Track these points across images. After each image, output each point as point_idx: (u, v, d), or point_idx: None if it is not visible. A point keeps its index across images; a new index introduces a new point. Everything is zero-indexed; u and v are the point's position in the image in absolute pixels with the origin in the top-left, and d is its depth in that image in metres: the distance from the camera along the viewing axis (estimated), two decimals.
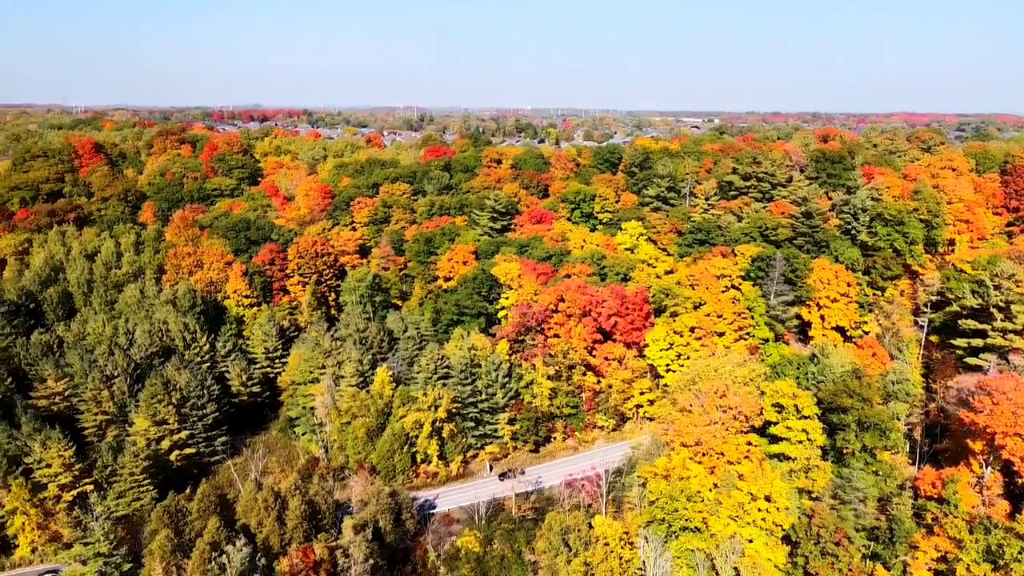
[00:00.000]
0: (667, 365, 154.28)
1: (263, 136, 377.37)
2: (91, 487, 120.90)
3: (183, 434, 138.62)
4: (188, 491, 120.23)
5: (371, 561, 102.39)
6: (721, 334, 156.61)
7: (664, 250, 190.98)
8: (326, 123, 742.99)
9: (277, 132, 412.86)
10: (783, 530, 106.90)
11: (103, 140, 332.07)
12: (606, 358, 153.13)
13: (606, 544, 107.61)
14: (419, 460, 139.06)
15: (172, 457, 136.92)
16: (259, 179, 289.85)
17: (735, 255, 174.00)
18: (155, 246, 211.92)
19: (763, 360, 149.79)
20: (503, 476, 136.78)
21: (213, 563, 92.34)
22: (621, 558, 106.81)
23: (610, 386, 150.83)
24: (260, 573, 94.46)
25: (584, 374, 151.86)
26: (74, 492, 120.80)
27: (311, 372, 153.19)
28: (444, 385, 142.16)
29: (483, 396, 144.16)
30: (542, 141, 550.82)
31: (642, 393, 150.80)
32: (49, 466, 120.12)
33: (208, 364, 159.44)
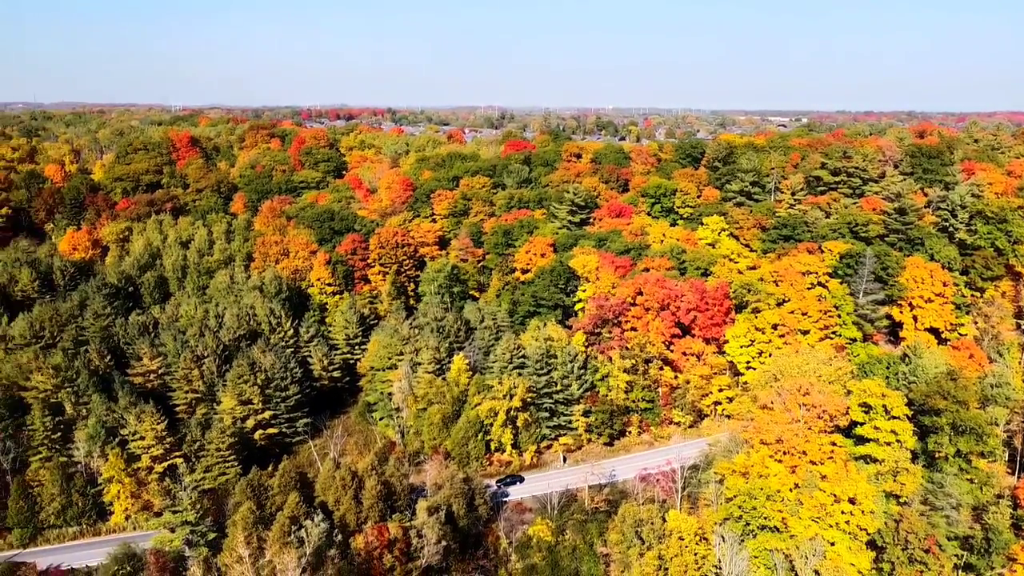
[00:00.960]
0: (747, 362, 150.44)
1: (348, 132, 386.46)
2: (180, 460, 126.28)
3: (266, 414, 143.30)
4: (270, 469, 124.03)
5: (443, 543, 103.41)
6: (805, 332, 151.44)
7: (747, 246, 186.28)
8: (409, 121, 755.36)
9: (362, 128, 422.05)
10: (868, 534, 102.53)
11: (199, 135, 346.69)
12: (684, 353, 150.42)
13: (680, 539, 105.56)
14: (493, 448, 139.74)
15: (256, 436, 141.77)
16: (344, 172, 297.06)
17: (822, 252, 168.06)
18: (245, 235, 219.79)
19: (850, 360, 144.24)
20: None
21: (292, 536, 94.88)
22: (696, 554, 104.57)
23: (687, 382, 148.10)
24: (336, 548, 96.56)
25: (661, 368, 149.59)
26: (165, 464, 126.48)
27: (389, 358, 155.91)
28: (519, 375, 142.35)
29: (558, 387, 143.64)
30: (623, 139, 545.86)
31: (721, 390, 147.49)
32: (143, 438, 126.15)
33: (291, 349, 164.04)
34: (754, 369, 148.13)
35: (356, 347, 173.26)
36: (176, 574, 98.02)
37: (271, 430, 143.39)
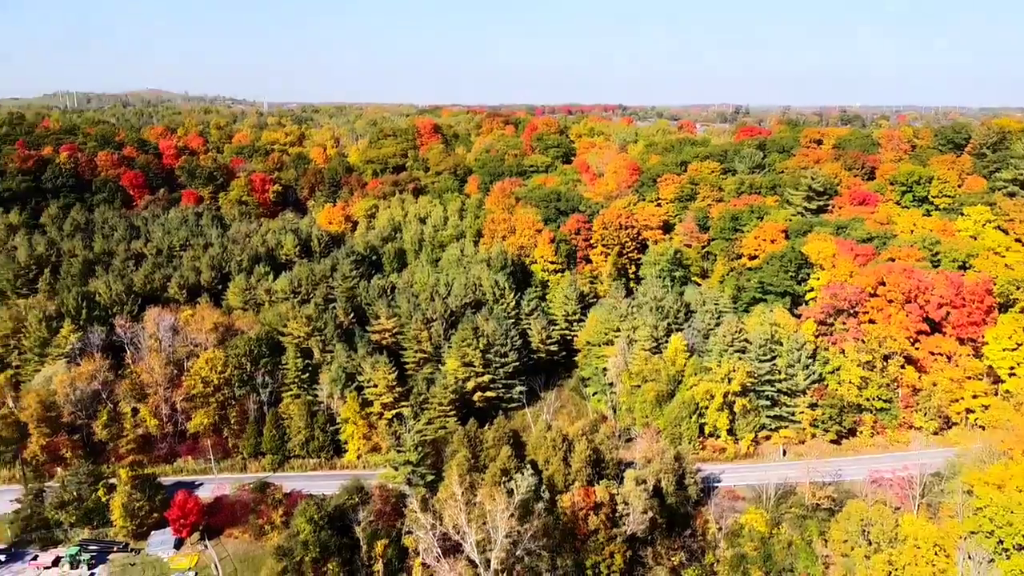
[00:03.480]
0: (1011, 368, 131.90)
1: (578, 121, 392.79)
2: (407, 410, 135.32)
3: (486, 377, 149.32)
4: (486, 428, 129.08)
5: (649, 514, 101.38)
6: None
7: (1019, 240, 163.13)
8: (639, 117, 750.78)
9: (592, 118, 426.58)
10: None
11: (441, 123, 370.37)
12: (932, 352, 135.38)
13: (916, 547, 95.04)
14: (707, 432, 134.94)
15: (475, 398, 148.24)
16: (572, 158, 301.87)
17: None
18: (476, 213, 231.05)
19: None
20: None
21: (503, 486, 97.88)
22: (934, 565, 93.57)
23: (934, 384, 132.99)
24: (543, 503, 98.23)
25: (903, 367, 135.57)
26: (393, 412, 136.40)
27: (606, 334, 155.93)
28: (740, 359, 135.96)
29: (782, 375, 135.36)
30: None
31: (975, 396, 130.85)
32: (376, 386, 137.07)
33: (512, 320, 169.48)
34: (1019, 377, 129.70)
35: (574, 324, 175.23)
36: (397, 508, 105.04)
37: (489, 393, 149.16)
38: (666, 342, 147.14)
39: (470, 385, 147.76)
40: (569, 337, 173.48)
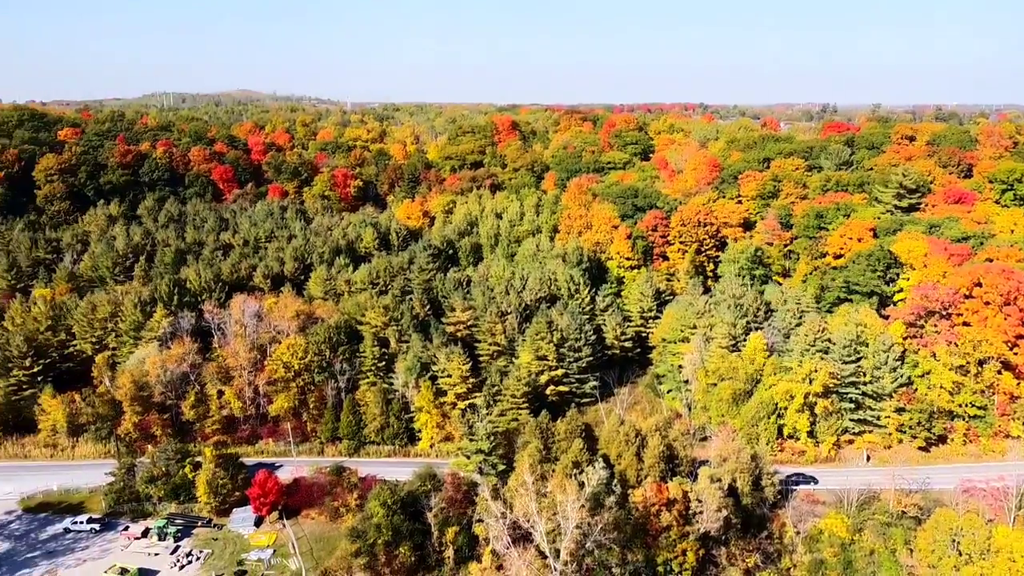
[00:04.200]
0: None
1: (658, 118, 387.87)
2: (479, 400, 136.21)
3: (559, 372, 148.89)
4: (558, 420, 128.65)
5: (724, 512, 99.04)
6: None
7: None
8: (721, 115, 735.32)
9: (671, 115, 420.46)
10: None
11: (519, 120, 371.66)
12: None
13: (1011, 560, 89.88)
14: (785, 434, 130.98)
15: (548, 392, 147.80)
16: (650, 155, 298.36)
17: None
18: (552, 208, 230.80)
19: None
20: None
21: (574, 478, 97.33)
22: None
23: None
24: (615, 497, 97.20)
25: (999, 372, 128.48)
26: (466, 403, 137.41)
27: (682, 331, 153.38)
28: (822, 359, 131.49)
29: (867, 378, 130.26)
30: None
31: None
32: (450, 376, 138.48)
33: (587, 315, 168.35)
34: None
35: (649, 321, 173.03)
36: (468, 496, 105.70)
37: (562, 387, 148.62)
38: (744, 340, 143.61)
39: (543, 379, 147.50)
40: (644, 334, 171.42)
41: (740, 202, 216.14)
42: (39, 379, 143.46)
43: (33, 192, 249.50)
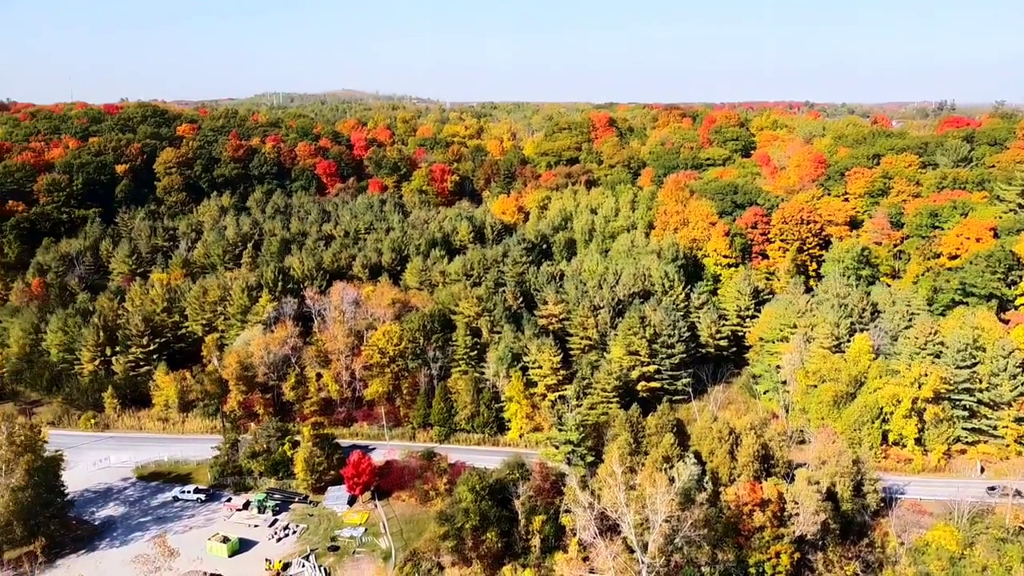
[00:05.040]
0: None
1: (760, 114, 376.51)
2: (569, 392, 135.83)
3: (651, 368, 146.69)
4: (649, 415, 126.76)
5: (821, 516, 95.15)
6: None
7: None
8: (827, 113, 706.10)
9: (775, 111, 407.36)
10: None
11: (616, 117, 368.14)
12: None
13: None
14: (891, 440, 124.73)
15: (639, 387, 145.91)
16: (751, 152, 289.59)
17: None
18: (648, 204, 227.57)
19: None
20: (991, 489, 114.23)
21: (664, 472, 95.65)
22: None
23: None
24: (706, 493, 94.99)
25: None
26: (556, 395, 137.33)
27: (781, 330, 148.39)
28: (933, 363, 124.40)
29: (983, 384, 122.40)
30: None
31: None
32: (540, 367, 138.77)
33: (681, 312, 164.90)
34: None
35: (746, 320, 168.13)
36: (556, 486, 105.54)
37: (653, 383, 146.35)
38: (848, 341, 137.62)
39: (635, 374, 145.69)
40: (740, 333, 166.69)
41: (847, 200, 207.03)
42: (154, 357, 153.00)
43: (153, 184, 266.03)
